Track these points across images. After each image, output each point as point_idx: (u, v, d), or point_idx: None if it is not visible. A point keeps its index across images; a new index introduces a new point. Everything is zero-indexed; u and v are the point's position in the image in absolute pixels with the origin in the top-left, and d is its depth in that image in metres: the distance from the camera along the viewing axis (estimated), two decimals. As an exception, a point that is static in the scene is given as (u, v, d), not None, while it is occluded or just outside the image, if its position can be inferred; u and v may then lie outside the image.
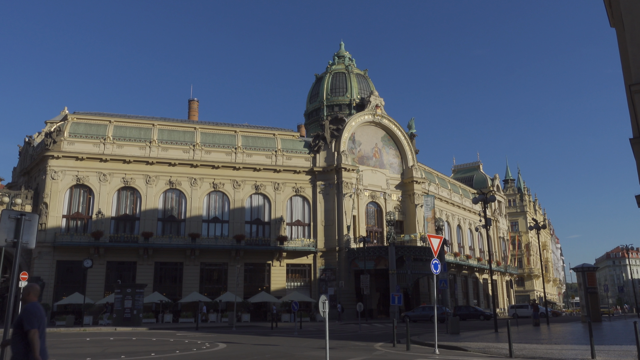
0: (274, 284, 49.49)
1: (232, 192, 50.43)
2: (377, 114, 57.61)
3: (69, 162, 46.61)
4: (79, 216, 46.72)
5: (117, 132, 49.43)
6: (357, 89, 61.86)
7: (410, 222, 57.01)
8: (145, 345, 20.16)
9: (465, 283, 67.65)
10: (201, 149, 50.69)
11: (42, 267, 43.96)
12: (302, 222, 52.49)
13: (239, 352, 17.33)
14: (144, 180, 48.20)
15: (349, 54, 66.79)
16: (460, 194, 73.04)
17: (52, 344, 21.73)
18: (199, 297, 44.82)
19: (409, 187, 57.92)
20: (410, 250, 48.87)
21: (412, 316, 42.52)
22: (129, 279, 45.20)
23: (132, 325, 36.11)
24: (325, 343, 13.20)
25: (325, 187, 52.75)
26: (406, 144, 58.90)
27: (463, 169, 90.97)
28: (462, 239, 70.36)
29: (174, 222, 48.95)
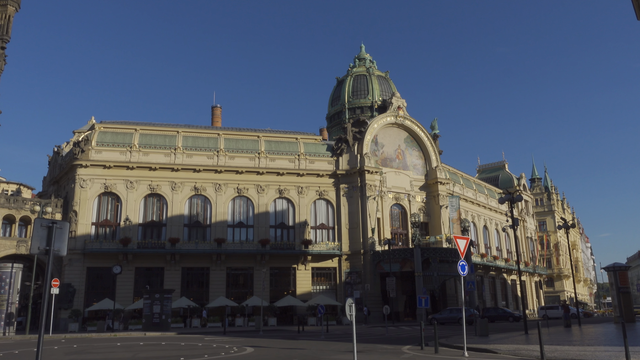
0: (299, 287, 49.58)
1: (256, 196, 50.76)
2: (400, 116, 57.36)
3: (97, 171, 47.55)
4: (107, 223, 47.60)
5: (142, 139, 50.25)
6: (378, 91, 61.70)
7: (436, 224, 56.51)
8: (175, 350, 20.40)
9: (493, 284, 66.71)
10: (225, 155, 51.17)
11: (72, 274, 44.87)
12: (327, 226, 52.51)
13: (267, 356, 17.41)
14: (169, 186, 48.87)
15: (370, 56, 66.71)
16: (486, 194, 72.14)
17: (84, 349, 22.17)
18: (225, 301, 45.19)
19: (434, 189, 57.46)
20: (436, 252, 48.44)
21: (439, 318, 42.12)
22: (157, 285, 45.84)
23: (161, 330, 36.60)
24: (353, 346, 13.17)
25: (348, 190, 52.70)
26: (429, 144, 58.48)
27: (488, 168, 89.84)
28: (488, 239, 69.44)
29: (199, 227, 49.48)
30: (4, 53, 46.08)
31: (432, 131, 59.91)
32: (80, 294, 44.50)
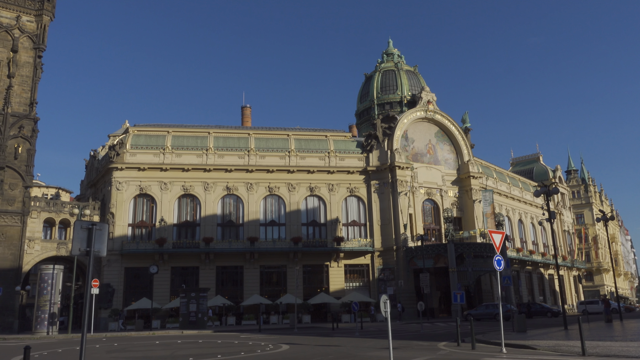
0: (332, 284, 49.66)
1: (287, 195, 51.04)
2: (430, 110, 56.74)
3: (132, 173, 48.61)
4: (143, 224, 48.63)
5: (175, 141, 51.13)
6: (407, 85, 61.17)
7: (469, 219, 55.74)
8: (212, 348, 20.72)
9: (530, 279, 65.43)
10: (256, 154, 51.60)
11: (111, 274, 46.02)
12: (358, 222, 52.40)
13: (303, 353, 17.50)
14: (202, 187, 49.59)
15: (398, 51, 66.16)
16: (520, 188, 70.75)
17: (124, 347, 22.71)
18: (259, 299, 45.63)
19: (466, 183, 56.66)
20: (470, 247, 47.79)
21: (475, 314, 41.54)
22: (193, 284, 46.61)
23: (197, 328, 37.20)
24: (389, 343, 13.12)
25: (379, 186, 52.45)
26: (461, 138, 57.67)
27: (522, 161, 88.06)
28: (524, 233, 68.10)
29: (232, 226, 50.07)
30: (40, 62, 47.54)
31: (463, 125, 59.05)
32: (119, 294, 45.62)
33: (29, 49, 46.98)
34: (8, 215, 43.28)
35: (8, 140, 44.05)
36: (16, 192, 43.96)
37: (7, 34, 46.17)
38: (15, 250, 43.20)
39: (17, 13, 46.92)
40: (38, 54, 47.27)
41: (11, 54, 45.95)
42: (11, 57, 45.86)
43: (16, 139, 44.59)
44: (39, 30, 47.70)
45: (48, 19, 48.31)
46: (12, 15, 46.72)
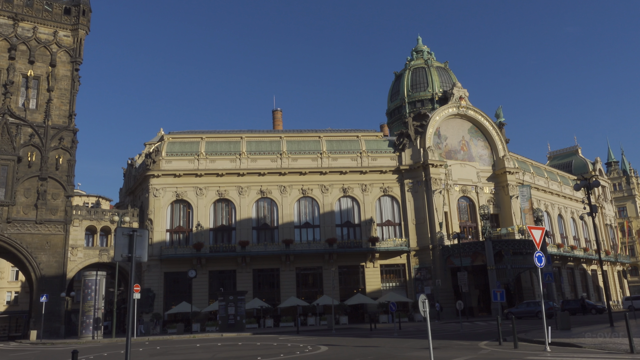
0: (369, 285, 49.48)
1: (320, 196, 51.14)
2: (462, 106, 55.94)
3: (168, 180, 49.60)
4: (180, 229, 49.54)
5: (209, 147, 51.92)
6: (438, 82, 60.49)
7: (506, 215, 54.67)
8: (251, 350, 20.93)
9: (572, 276, 63.68)
10: (288, 157, 51.91)
11: (151, 279, 47.02)
12: (393, 222, 52.07)
13: (342, 355, 17.50)
14: (236, 191, 50.19)
15: (428, 48, 65.47)
16: (559, 182, 68.99)
17: (166, 350, 23.18)
18: (296, 301, 45.83)
19: (502, 179, 55.60)
20: (508, 244, 46.87)
21: (516, 312, 40.74)
22: (230, 287, 47.19)
23: (236, 330, 37.66)
24: (428, 343, 13.00)
25: (413, 185, 52.01)
26: (495, 134, 56.65)
27: (560, 154, 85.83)
28: (564, 229, 66.35)
29: (267, 229, 50.48)
30: (77, 74, 49.04)
31: (497, 119, 57.98)
32: (160, 298, 46.56)
33: (67, 63, 48.52)
34: (52, 224, 44.76)
35: (49, 152, 45.57)
36: (58, 201, 45.43)
37: (45, 49, 47.81)
38: (59, 258, 44.63)
39: (54, 29, 48.54)
40: (75, 67, 48.78)
41: (50, 68, 47.56)
42: (50, 72, 47.46)
43: (57, 150, 46.09)
44: (75, 44, 49.21)
45: (84, 33, 49.80)
46: (50, 31, 48.35)
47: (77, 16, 49.38)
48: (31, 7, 47.94)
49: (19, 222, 43.59)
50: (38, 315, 40.66)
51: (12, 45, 46.22)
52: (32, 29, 47.54)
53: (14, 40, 46.43)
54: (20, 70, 46.50)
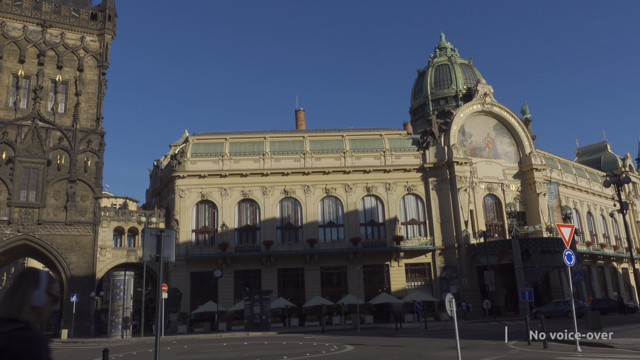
0: (394, 284, 49.24)
1: (344, 196, 51.08)
2: (487, 103, 55.19)
3: (194, 181, 50.17)
4: (206, 230, 50.06)
5: (232, 148, 52.34)
6: (462, 79, 59.82)
7: (533, 213, 53.76)
8: (277, 349, 21.02)
9: (602, 274, 62.28)
10: (311, 157, 51.98)
11: (178, 279, 47.63)
12: (417, 221, 51.68)
13: (368, 354, 17.45)
14: (260, 191, 50.47)
15: (451, 45, 64.82)
16: (588, 178, 67.54)
17: (194, 349, 23.45)
18: (321, 300, 45.88)
19: (529, 176, 54.69)
20: (536, 242, 46.08)
21: (545, 312, 39.95)
22: (255, 286, 47.49)
23: (262, 330, 37.88)
24: (456, 342, 12.87)
25: (437, 183, 51.54)
26: (521, 130, 55.73)
27: (588, 150, 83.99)
28: (593, 226, 64.95)
29: (291, 229, 50.64)
30: (104, 78, 49.97)
31: (523, 116, 57.05)
32: (186, 298, 47.12)
33: (94, 67, 49.47)
34: (81, 225, 45.70)
35: (78, 155, 46.53)
36: (87, 203, 46.35)
37: (73, 54, 48.82)
38: (88, 259, 45.56)
39: (81, 34, 49.53)
40: (102, 72, 49.70)
41: (77, 73, 48.56)
42: (78, 76, 48.46)
43: (85, 153, 47.03)
44: (102, 48, 50.13)
45: (110, 38, 50.70)
46: (77, 37, 49.36)
47: (103, 21, 50.29)
48: (59, 14, 49.00)
49: (49, 224, 44.61)
50: (69, 314, 41.54)
51: (41, 52, 47.32)
52: (60, 35, 48.58)
53: (42, 47, 47.54)
54: (49, 76, 47.57)
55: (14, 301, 2.68)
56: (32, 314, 2.68)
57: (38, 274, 2.80)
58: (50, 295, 2.75)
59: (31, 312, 2.68)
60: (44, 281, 2.76)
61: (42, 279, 2.76)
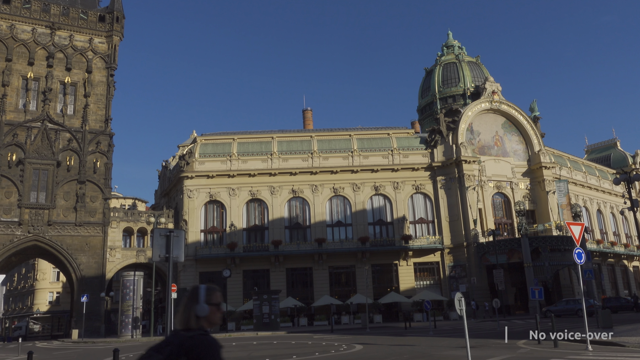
0: (402, 283, 49.15)
1: (352, 195, 51.04)
2: (495, 101, 54.91)
3: (202, 181, 50.33)
4: (214, 230, 50.22)
5: (240, 148, 52.46)
6: (470, 77, 59.57)
7: (543, 211, 53.44)
8: (287, 349, 21.05)
9: (612, 272, 61.80)
10: (319, 156, 51.99)
11: (187, 279, 47.81)
12: (426, 220, 51.54)
13: (377, 353, 17.44)
14: (269, 191, 50.55)
15: (458, 43, 64.56)
16: (597, 176, 67.04)
17: (204, 349, 23.52)
18: (330, 300, 45.89)
19: (538, 174, 54.37)
20: (546, 240, 45.82)
21: (555, 311, 39.65)
22: (264, 286, 47.57)
23: (271, 329, 37.94)
24: (465, 342, 12.82)
25: (446, 181, 51.37)
26: (530, 128, 55.40)
27: (598, 148, 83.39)
28: (603, 224, 64.46)
29: (300, 229, 50.69)
30: (112, 80, 50.25)
31: (532, 113, 56.71)
32: (195, 298, 47.20)
33: (102, 69, 49.77)
34: (91, 226, 46.01)
35: (87, 156, 46.84)
36: (97, 204, 46.64)
37: (81, 56, 49.14)
38: (98, 259, 45.86)
39: (89, 36, 49.84)
40: (110, 73, 49.98)
41: (86, 74, 48.88)
42: (86, 78, 48.78)
43: (94, 154, 47.34)
44: (110, 50, 50.42)
45: (118, 39, 50.97)
46: (86, 39, 49.67)
47: (111, 23, 50.56)
48: (67, 16, 49.34)
49: (59, 225, 44.94)
50: (79, 314, 41.84)
51: (50, 54, 47.68)
52: (69, 37, 48.91)
53: (51, 49, 47.89)
54: (58, 78, 47.92)
55: (185, 316, 3.36)
56: (203, 322, 3.34)
57: (197, 290, 3.46)
58: (212, 304, 3.40)
59: (200, 321, 3.34)
60: (202, 295, 3.41)
61: (200, 294, 3.42)
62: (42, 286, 74.91)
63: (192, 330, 3.29)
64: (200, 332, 3.27)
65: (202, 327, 3.33)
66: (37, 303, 74.01)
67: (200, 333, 3.27)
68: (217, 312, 3.40)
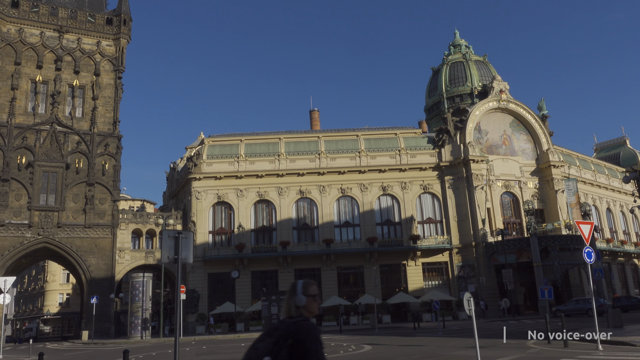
0: (411, 284, 49.03)
1: (360, 195, 50.99)
2: (502, 99, 54.66)
3: (210, 182, 50.49)
4: (222, 231, 50.35)
5: (248, 149, 52.57)
6: (477, 76, 59.34)
7: (552, 210, 53.12)
8: (295, 349, 21.04)
9: (623, 271, 61.32)
10: (326, 157, 51.99)
11: (196, 280, 47.98)
12: (434, 220, 51.39)
13: (386, 354, 17.41)
14: (276, 192, 50.61)
15: (465, 42, 64.36)
16: (607, 174, 66.55)
17: (213, 350, 23.60)
18: (338, 300, 45.85)
19: (546, 173, 54.06)
20: (555, 239, 45.53)
21: (564, 310, 39.41)
22: (272, 287, 47.60)
23: (279, 330, 37.90)
24: (475, 342, 12.78)
25: (454, 181, 51.20)
26: (538, 126, 55.10)
27: (606, 146, 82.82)
28: (613, 223, 63.97)
29: (307, 229, 50.70)
30: (120, 82, 50.52)
31: (540, 112, 56.39)
32: (204, 299, 47.44)
33: (110, 72, 50.06)
34: (100, 228, 46.29)
35: (96, 158, 47.14)
36: (105, 206, 46.92)
37: (89, 59, 49.47)
38: (107, 261, 46.13)
39: (97, 39, 50.16)
40: (118, 76, 50.27)
41: (94, 77, 49.18)
42: (94, 81, 49.09)
43: (103, 156, 47.63)
44: (118, 53, 50.71)
45: (125, 42, 51.25)
46: (93, 42, 49.99)
47: (118, 26, 50.86)
48: (75, 19, 49.68)
49: (68, 227, 45.25)
50: (89, 316, 42.10)
51: (58, 57, 48.02)
52: (77, 40, 49.24)
53: (59, 52, 48.24)
54: (66, 81, 48.26)
55: (287, 306, 4.04)
56: (302, 310, 3.99)
57: (296, 284, 4.11)
58: (308, 296, 4.02)
59: (299, 310, 3.99)
60: (299, 288, 4.04)
61: (298, 288, 4.06)
62: (52, 288, 75.44)
63: (294, 317, 3.93)
64: (302, 319, 3.89)
65: (301, 314, 3.96)
66: (48, 305, 74.55)
67: (302, 319, 3.89)
68: (313, 302, 4.00)
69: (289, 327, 3.83)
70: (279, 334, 3.83)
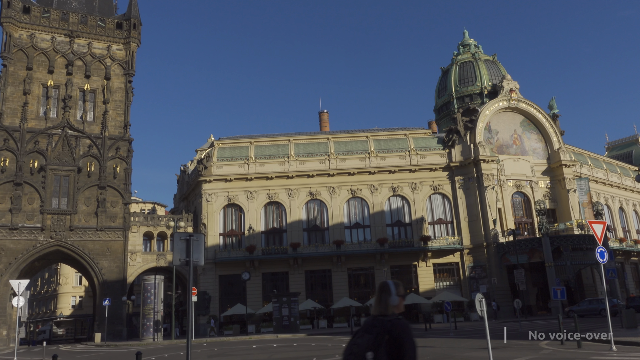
0: (422, 285, 48.85)
1: (370, 196, 50.92)
2: (513, 99, 54.35)
3: (220, 185, 50.68)
4: (233, 233, 50.52)
5: (258, 151, 52.71)
6: (487, 76, 59.06)
7: (564, 210, 52.70)
8: (307, 351, 21.07)
9: (636, 271, 60.65)
10: (336, 158, 51.99)
11: (207, 282, 48.17)
12: (444, 220, 51.19)
13: (397, 355, 17.34)
14: (286, 194, 50.69)
15: (475, 41, 64.04)
16: (619, 173, 65.90)
17: (224, 351, 23.67)
18: (349, 302, 45.79)
19: (558, 172, 53.65)
20: (567, 239, 45.16)
21: (577, 311, 39.03)
22: (283, 288, 47.67)
23: (290, 332, 38.00)
24: (487, 343, 12.72)
25: (464, 181, 50.97)
26: (549, 126, 54.71)
27: (619, 145, 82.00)
28: (626, 222, 63.31)
29: (318, 231, 50.72)
30: (131, 86, 50.90)
31: (551, 111, 55.99)
32: (215, 301, 47.58)
33: (120, 75, 50.45)
34: (111, 230, 46.64)
35: (107, 162, 47.51)
36: (117, 209, 47.27)
37: (100, 63, 49.89)
38: (119, 263, 46.45)
39: (107, 43, 50.57)
40: (128, 79, 50.64)
41: (105, 81, 49.59)
42: (105, 85, 49.50)
43: (114, 159, 47.99)
44: (128, 57, 51.09)
45: (135, 46, 51.62)
46: (104, 46, 50.42)
47: (128, 30, 51.24)
48: (85, 24, 50.14)
49: (80, 230, 45.64)
50: (102, 318, 42.41)
51: (69, 62, 48.49)
52: (87, 45, 49.68)
53: (70, 57, 48.70)
54: (77, 85, 48.70)
55: (381, 305, 4.37)
56: (394, 309, 4.33)
57: (389, 285, 4.45)
58: (400, 296, 4.40)
59: (391, 308, 4.33)
60: (393, 289, 4.40)
61: (391, 288, 4.41)
62: (64, 290, 76.13)
63: (387, 315, 4.25)
64: (396, 317, 4.23)
65: (394, 313, 4.30)
66: (60, 307, 75.22)
67: (397, 317, 4.24)
68: (402, 301, 4.36)
69: (385, 325, 4.16)
70: (377, 331, 4.15)
